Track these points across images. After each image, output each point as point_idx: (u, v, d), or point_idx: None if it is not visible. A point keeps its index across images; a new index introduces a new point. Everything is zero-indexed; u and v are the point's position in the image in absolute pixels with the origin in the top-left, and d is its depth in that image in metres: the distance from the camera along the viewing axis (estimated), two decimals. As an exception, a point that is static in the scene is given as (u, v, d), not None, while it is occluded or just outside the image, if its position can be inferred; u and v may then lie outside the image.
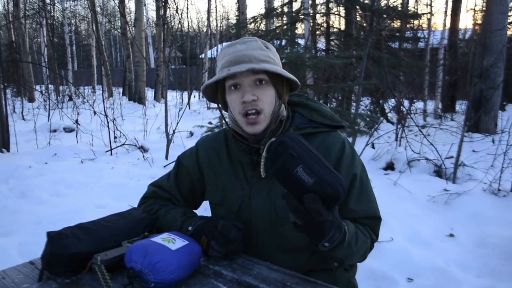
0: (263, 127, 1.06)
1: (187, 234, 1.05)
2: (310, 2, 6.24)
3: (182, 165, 1.24)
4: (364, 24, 6.99)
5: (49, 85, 13.63)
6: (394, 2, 7.38)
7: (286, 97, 1.11)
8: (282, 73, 1.03)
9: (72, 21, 24.72)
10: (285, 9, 6.23)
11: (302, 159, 0.84)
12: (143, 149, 5.41)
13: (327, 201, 0.84)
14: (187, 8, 23.71)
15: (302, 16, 5.58)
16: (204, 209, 1.32)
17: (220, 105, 1.15)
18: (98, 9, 17.70)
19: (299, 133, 1.09)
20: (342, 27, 7.23)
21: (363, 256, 1.09)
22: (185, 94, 13.26)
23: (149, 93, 14.90)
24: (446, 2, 11.53)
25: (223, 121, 1.19)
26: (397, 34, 7.29)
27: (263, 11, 13.98)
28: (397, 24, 7.65)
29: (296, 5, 6.43)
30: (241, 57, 1.02)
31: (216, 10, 33.72)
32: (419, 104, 8.89)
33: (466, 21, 46.06)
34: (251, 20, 5.39)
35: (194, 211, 1.24)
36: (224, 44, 1.12)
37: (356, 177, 1.08)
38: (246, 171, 1.13)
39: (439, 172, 4.06)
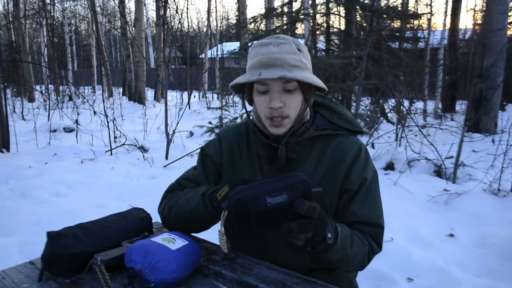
0: (286, 130, 1.07)
1: (209, 193, 1.04)
2: (310, 2, 6.24)
3: (207, 155, 1.23)
4: (364, 24, 6.98)
5: (49, 85, 13.62)
6: (394, 2, 7.39)
7: (312, 99, 1.11)
8: (312, 82, 1.03)
9: (72, 21, 24.72)
10: (285, 9, 6.24)
11: (262, 191, 0.84)
12: (143, 149, 5.41)
13: (305, 195, 0.86)
14: (187, 8, 23.72)
15: (302, 16, 5.58)
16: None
17: (245, 99, 1.15)
18: (98, 9, 17.71)
19: (319, 134, 1.10)
20: (342, 27, 7.23)
21: (360, 263, 1.07)
22: (185, 94, 13.26)
23: (149, 93, 14.90)
24: (446, 2, 11.54)
25: (245, 114, 1.19)
26: (397, 34, 7.29)
27: (263, 11, 13.98)
28: (397, 24, 7.65)
29: (296, 5, 6.44)
30: (273, 60, 1.01)
31: (216, 10, 33.71)
32: (419, 104, 8.89)
33: (466, 21, 46.09)
34: (251, 20, 5.39)
35: None
36: (257, 42, 1.08)
37: (365, 181, 1.08)
38: (262, 165, 1.14)
39: (439, 172, 4.06)
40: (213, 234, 1.08)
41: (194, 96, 15.23)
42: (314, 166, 1.10)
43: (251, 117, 1.17)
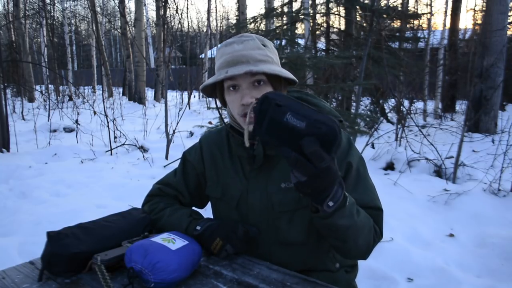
0: None
1: (195, 234, 1.06)
2: (310, 2, 6.24)
3: (188, 161, 1.25)
4: (364, 24, 6.99)
5: (49, 85, 13.62)
6: (394, 2, 7.39)
7: (284, 92, 1.10)
8: (280, 73, 1.03)
9: (72, 21, 24.72)
10: (285, 9, 6.23)
11: (289, 106, 0.80)
12: (143, 149, 5.41)
13: (324, 142, 0.78)
14: (187, 8, 23.68)
15: (302, 16, 5.57)
16: (203, 210, 1.32)
17: (218, 101, 1.16)
18: (98, 9, 17.70)
19: None
20: (342, 27, 7.23)
21: (367, 240, 1.01)
22: (185, 94, 13.26)
23: (149, 93, 14.90)
24: (446, 2, 11.55)
25: (221, 118, 1.18)
26: (397, 34, 7.29)
27: (263, 11, 13.97)
28: (397, 24, 7.65)
29: (296, 5, 6.43)
30: (238, 57, 1.02)
31: (216, 10, 33.74)
32: (419, 104, 8.89)
33: (466, 21, 46.07)
34: (251, 20, 5.39)
35: (200, 212, 1.24)
36: (222, 43, 1.09)
37: (351, 165, 1.05)
38: (244, 166, 1.14)
39: (439, 172, 4.06)
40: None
41: (194, 96, 15.23)
42: None
43: (225, 120, 1.16)
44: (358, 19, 7.14)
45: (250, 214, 1.12)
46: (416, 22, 9.01)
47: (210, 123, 6.74)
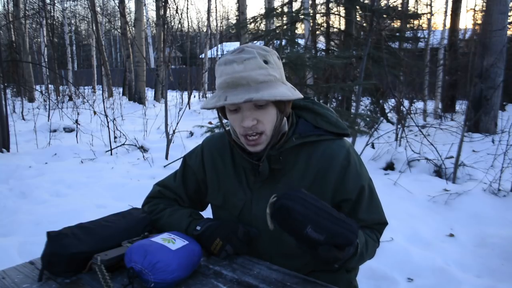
0: (264, 146, 1.05)
1: (195, 234, 1.06)
2: (310, 2, 6.24)
3: (188, 165, 1.24)
4: (364, 24, 6.99)
5: (49, 85, 13.63)
6: (394, 2, 7.39)
7: (288, 109, 1.07)
8: (282, 98, 0.98)
9: (72, 21, 24.73)
10: (285, 9, 6.23)
11: (309, 219, 0.84)
12: (143, 149, 5.41)
13: (340, 247, 0.87)
14: (187, 8, 23.68)
15: (302, 16, 5.57)
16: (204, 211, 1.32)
17: (221, 115, 1.13)
18: (98, 9, 17.70)
19: (302, 141, 1.07)
20: (342, 27, 7.23)
21: (371, 258, 1.13)
22: (185, 94, 13.25)
23: (149, 93, 14.89)
24: (446, 2, 11.56)
25: (223, 130, 1.17)
26: (397, 34, 7.28)
27: (263, 11, 13.97)
28: (397, 24, 7.65)
29: (296, 5, 6.44)
30: (238, 79, 0.96)
31: (216, 10, 33.74)
32: (419, 104, 8.89)
33: (466, 21, 46.05)
34: (251, 20, 5.39)
35: (200, 212, 1.24)
36: (222, 58, 1.03)
37: (364, 188, 1.09)
38: (248, 176, 1.13)
39: (439, 172, 4.06)
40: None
41: (194, 96, 15.22)
42: (300, 174, 1.08)
43: (228, 129, 1.15)
44: (358, 19, 7.14)
45: (253, 224, 1.11)
46: (416, 22, 9.02)
47: (210, 123, 6.74)
